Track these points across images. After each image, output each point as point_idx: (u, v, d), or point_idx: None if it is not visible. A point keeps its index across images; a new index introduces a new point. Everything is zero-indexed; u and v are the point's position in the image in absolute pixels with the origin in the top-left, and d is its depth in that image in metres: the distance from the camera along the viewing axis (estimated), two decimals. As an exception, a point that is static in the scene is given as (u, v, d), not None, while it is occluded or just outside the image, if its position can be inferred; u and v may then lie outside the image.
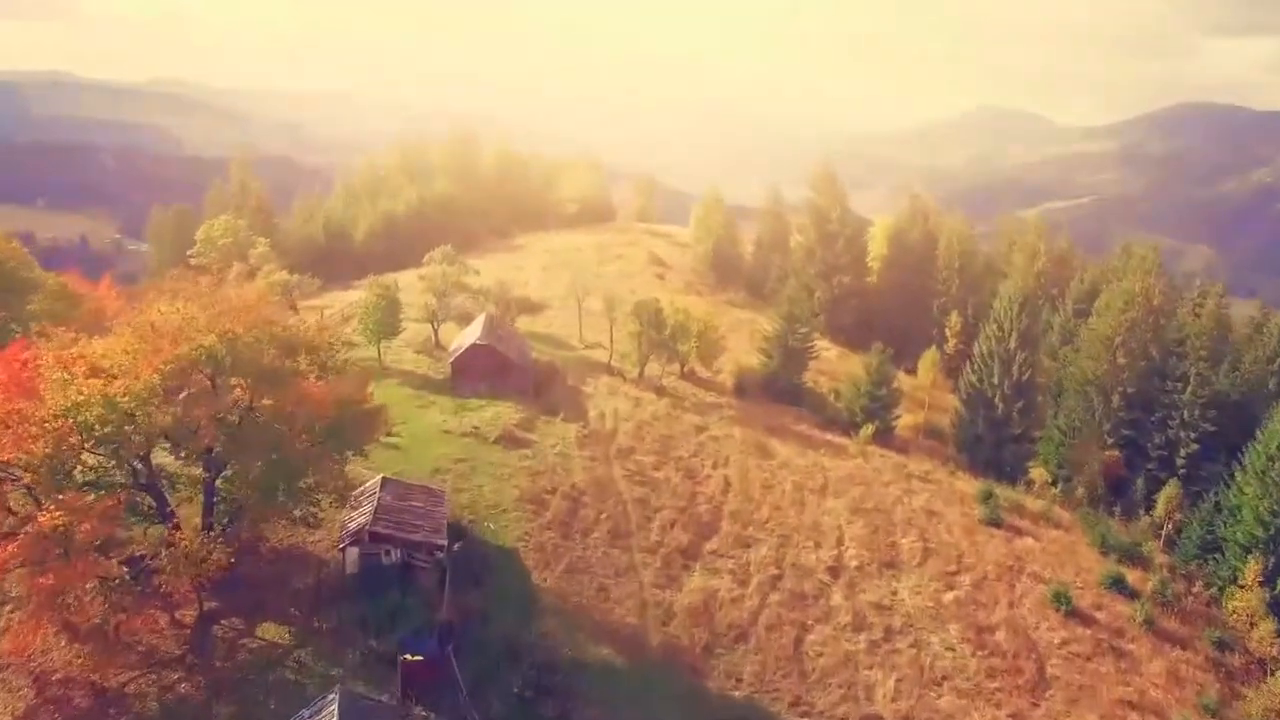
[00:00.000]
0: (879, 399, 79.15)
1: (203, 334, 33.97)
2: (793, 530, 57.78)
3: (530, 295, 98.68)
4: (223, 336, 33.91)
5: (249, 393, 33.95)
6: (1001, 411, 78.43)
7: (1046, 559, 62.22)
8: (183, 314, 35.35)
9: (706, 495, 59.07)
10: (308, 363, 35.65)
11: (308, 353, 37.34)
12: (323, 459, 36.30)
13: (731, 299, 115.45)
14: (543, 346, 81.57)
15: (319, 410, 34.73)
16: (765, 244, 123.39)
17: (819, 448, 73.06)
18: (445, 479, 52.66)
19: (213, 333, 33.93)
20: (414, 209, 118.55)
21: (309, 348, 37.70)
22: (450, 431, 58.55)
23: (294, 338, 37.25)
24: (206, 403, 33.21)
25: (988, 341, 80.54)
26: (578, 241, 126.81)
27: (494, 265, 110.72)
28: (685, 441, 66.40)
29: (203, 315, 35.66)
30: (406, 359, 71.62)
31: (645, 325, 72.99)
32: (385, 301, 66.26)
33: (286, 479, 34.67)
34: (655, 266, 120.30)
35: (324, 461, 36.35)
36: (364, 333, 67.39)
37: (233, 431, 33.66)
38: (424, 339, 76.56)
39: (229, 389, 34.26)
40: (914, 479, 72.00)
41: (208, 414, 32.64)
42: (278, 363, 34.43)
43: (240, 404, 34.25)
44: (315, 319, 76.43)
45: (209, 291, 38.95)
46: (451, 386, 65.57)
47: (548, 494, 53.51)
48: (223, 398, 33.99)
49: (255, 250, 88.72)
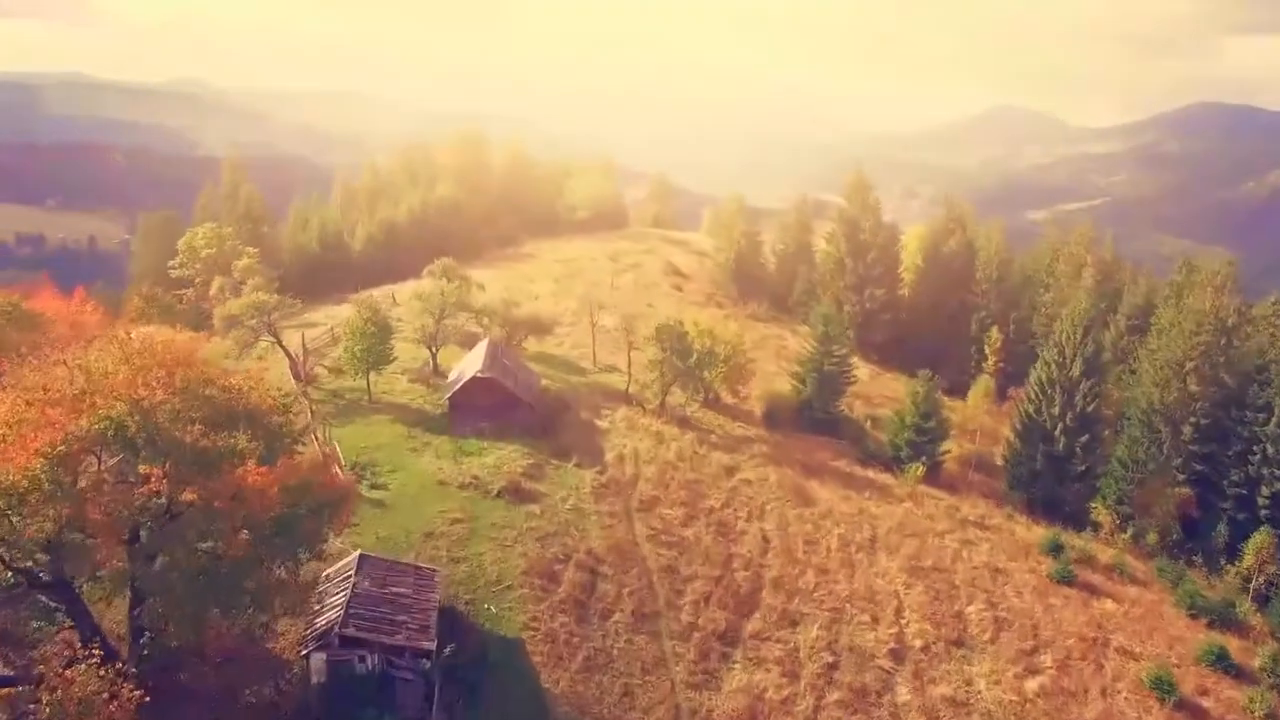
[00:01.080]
0: (926, 432, 70.08)
1: (111, 400, 25.33)
2: (844, 600, 48.83)
3: (540, 310, 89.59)
4: (136, 405, 25.33)
5: (169, 483, 25.18)
6: (1063, 446, 69.28)
7: (1132, 627, 53.09)
8: (91, 370, 26.71)
9: (743, 557, 50.15)
10: (250, 438, 26.88)
11: (253, 423, 28.54)
12: (270, 560, 27.72)
13: (754, 312, 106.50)
14: (553, 372, 72.80)
15: (262, 504, 26.08)
16: (790, 253, 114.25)
17: (863, 489, 64.11)
18: (439, 547, 43.93)
19: (123, 399, 25.29)
20: (416, 215, 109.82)
21: (254, 416, 28.90)
22: (446, 482, 49.79)
23: (234, 403, 28.46)
24: (111, 498, 24.54)
25: (1047, 368, 71.36)
26: (590, 249, 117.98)
27: (501, 276, 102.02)
28: (715, 487, 57.50)
29: (120, 370, 27.01)
30: (399, 389, 62.90)
31: (668, 352, 64.08)
32: (373, 326, 57.50)
33: (219, 592, 26.12)
34: (672, 277, 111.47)
35: (269, 566, 27.75)
36: (350, 361, 58.69)
37: (149, 532, 25.08)
38: (421, 363, 67.87)
39: (143, 478, 25.48)
40: (970, 525, 63.01)
41: (106, 514, 24.03)
42: (209, 441, 25.66)
43: (157, 497, 25.49)
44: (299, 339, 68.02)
45: (130, 337, 29.90)
46: (449, 424, 56.83)
47: (560, 563, 44.70)
48: (131, 491, 25.29)
49: (239, 263, 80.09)
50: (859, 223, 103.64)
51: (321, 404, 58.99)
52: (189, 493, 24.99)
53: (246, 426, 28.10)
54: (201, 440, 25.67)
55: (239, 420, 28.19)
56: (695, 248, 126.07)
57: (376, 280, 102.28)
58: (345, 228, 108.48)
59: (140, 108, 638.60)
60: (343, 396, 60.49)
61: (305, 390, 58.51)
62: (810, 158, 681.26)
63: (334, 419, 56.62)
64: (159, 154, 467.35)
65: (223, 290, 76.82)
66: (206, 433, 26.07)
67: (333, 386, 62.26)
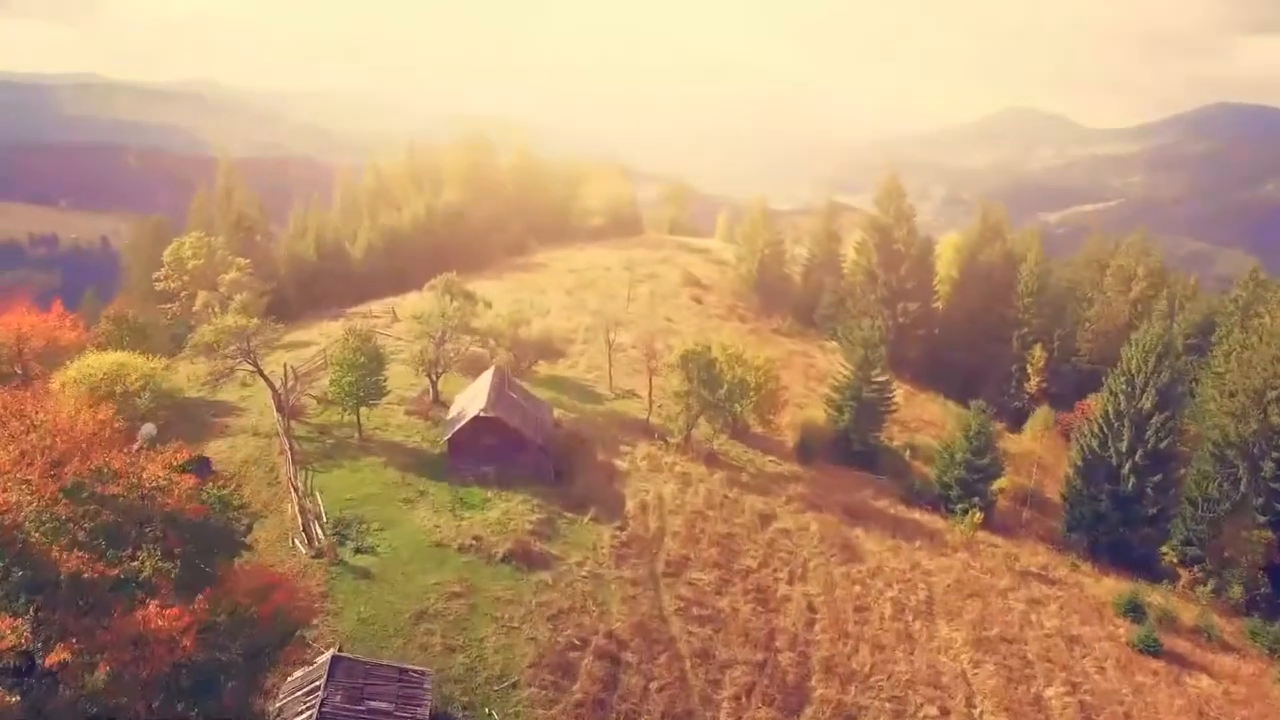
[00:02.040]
0: (979, 470, 62.41)
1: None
2: (905, 685, 41.36)
3: (551, 327, 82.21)
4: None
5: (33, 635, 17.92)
6: (1131, 487, 61.47)
7: (1238, 713, 45.50)
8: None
9: (788, 633, 42.69)
10: (163, 558, 19.41)
11: (175, 529, 21.14)
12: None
13: (778, 327, 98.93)
14: (566, 399, 65.44)
15: (171, 655, 18.80)
16: (816, 263, 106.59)
17: (912, 538, 56.59)
18: (432, 631, 36.63)
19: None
20: (420, 222, 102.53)
21: (177, 522, 21.46)
22: (444, 544, 42.48)
23: (146, 507, 21.03)
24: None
25: (1114, 399, 63.57)
26: (604, 258, 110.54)
27: (509, 288, 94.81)
28: (751, 541, 50.05)
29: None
30: (395, 423, 55.55)
31: (695, 383, 56.64)
32: (363, 356, 50.16)
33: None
34: (691, 288, 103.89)
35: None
36: (338, 395, 51.37)
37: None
38: (421, 391, 60.55)
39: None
40: (1033, 579, 55.48)
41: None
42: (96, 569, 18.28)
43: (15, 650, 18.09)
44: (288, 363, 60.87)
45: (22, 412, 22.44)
46: (449, 468, 49.52)
47: (575, 650, 37.34)
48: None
49: (227, 276, 72.94)
50: (891, 232, 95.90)
51: (306, 442, 51.79)
52: (61, 650, 17.70)
53: (164, 535, 20.89)
54: (86, 569, 18.43)
55: (154, 526, 20.95)
56: (715, 256, 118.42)
57: (378, 291, 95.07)
58: (346, 235, 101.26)
59: (151, 108, 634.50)
60: (331, 433, 53.24)
61: (288, 427, 51.30)
62: (822, 158, 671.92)
63: (318, 462, 49.40)
64: (171, 154, 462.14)
65: (208, 307, 69.78)
66: (99, 555, 18.88)
67: (321, 420, 55.04)
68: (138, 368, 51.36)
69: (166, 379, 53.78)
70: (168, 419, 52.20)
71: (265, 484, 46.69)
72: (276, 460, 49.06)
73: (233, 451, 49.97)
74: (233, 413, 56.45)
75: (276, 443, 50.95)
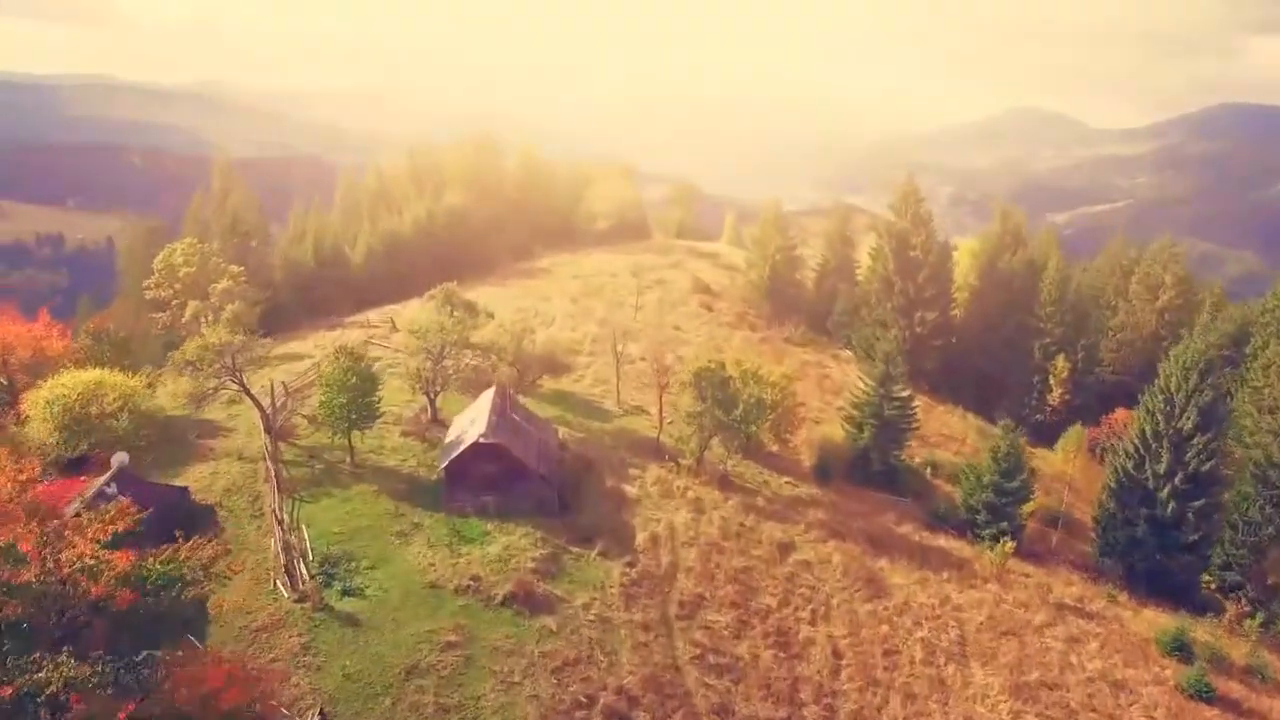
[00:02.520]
0: (1008, 493, 58.52)
1: None
2: (942, 742, 37.63)
3: (556, 338, 78.82)
4: None
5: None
6: (1171, 512, 57.52)
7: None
8: None
9: (812, 682, 38.94)
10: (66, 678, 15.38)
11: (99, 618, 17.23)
12: None
13: (790, 335, 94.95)
14: (572, 416, 61.78)
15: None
16: (830, 268, 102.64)
17: (939, 568, 52.77)
18: (424, 689, 32.99)
19: None
20: (422, 226, 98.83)
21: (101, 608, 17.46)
22: (439, 585, 38.83)
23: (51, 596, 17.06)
24: None
25: (1151, 419, 59.56)
26: (611, 263, 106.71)
27: (513, 295, 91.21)
28: (769, 576, 46.30)
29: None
30: (390, 446, 51.84)
31: (709, 402, 52.86)
32: (355, 377, 46.46)
33: None
34: (701, 295, 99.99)
35: None
36: (328, 419, 47.65)
37: None
38: (418, 409, 56.91)
39: None
40: (1069, 613, 51.64)
41: None
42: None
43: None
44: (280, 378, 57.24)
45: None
46: (446, 497, 45.83)
47: (582, 708, 33.67)
48: None
49: (219, 285, 69.28)
50: (908, 237, 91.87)
51: (295, 467, 48.17)
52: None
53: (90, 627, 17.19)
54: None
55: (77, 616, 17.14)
56: (724, 261, 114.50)
57: (378, 298, 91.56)
58: (346, 239, 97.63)
59: (158, 108, 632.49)
60: (321, 457, 49.60)
61: (276, 451, 47.68)
62: (825, 158, 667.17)
63: (306, 490, 45.78)
64: (176, 154, 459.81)
65: (197, 317, 66.22)
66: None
67: (311, 441, 51.43)
68: (116, 387, 47.83)
69: (148, 398, 50.20)
70: (149, 440, 48.77)
71: (248, 516, 43.09)
72: (262, 488, 45.47)
73: (215, 478, 46.35)
74: (219, 433, 52.85)
75: (263, 467, 47.38)
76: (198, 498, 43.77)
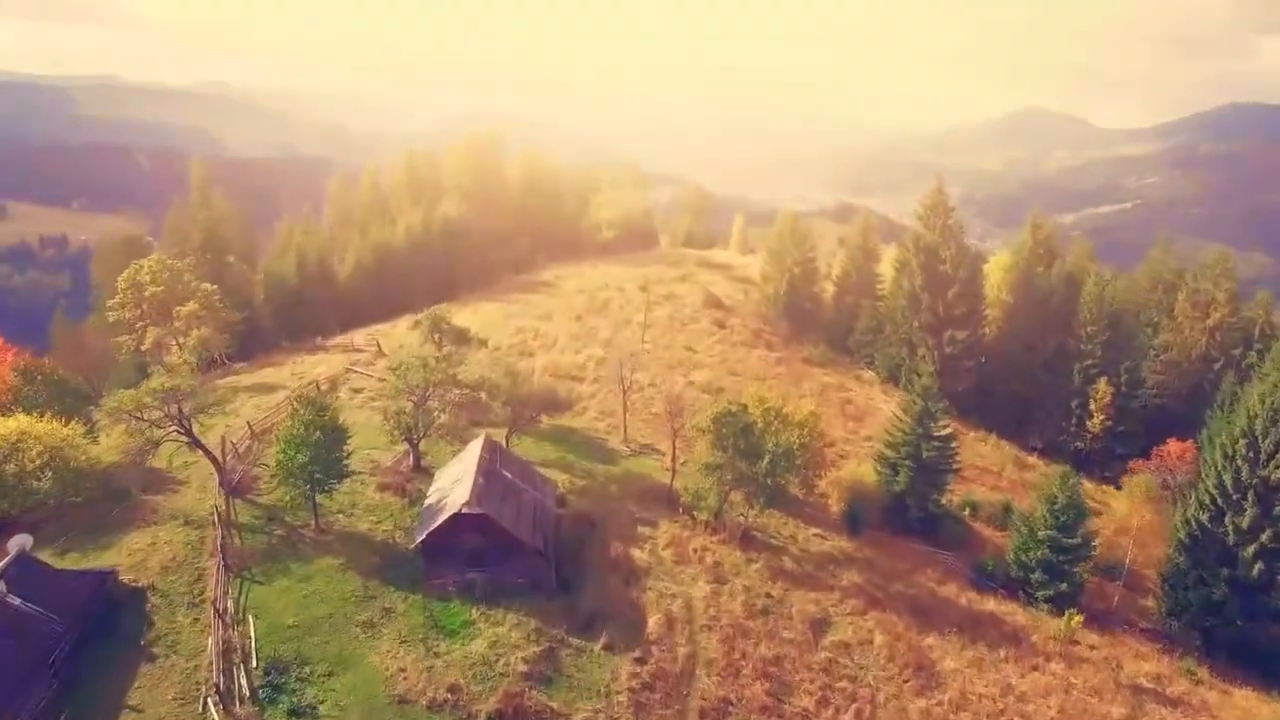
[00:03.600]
0: (1068, 551, 50.88)
1: None
2: None
3: (558, 362, 71.58)
4: None
5: None
6: (1258, 574, 49.76)
7: None
8: None
9: (863, 820, 31.49)
10: None
11: None
12: None
13: (809, 355, 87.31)
14: (574, 457, 54.42)
15: None
16: (850, 282, 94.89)
17: (994, 643, 45.22)
18: None
19: None
20: (416, 237, 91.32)
21: None
22: (408, 700, 31.47)
23: None
24: None
25: (1230, 465, 51.86)
26: (618, 276, 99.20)
27: (513, 314, 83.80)
28: (804, 666, 38.81)
29: None
30: (364, 504, 44.42)
31: (730, 453, 45.38)
32: (316, 432, 38.94)
33: None
34: (713, 310, 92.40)
35: None
36: (285, 479, 40.05)
37: None
38: (399, 455, 49.57)
39: None
40: (1147, 699, 44.02)
41: None
42: None
43: None
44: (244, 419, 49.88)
45: None
46: (425, 574, 38.45)
47: None
48: None
49: (184, 308, 61.94)
50: (938, 250, 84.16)
51: (250, 534, 40.84)
52: None
53: None
54: None
55: None
56: (737, 273, 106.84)
57: (367, 316, 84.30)
58: (336, 251, 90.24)
59: (168, 109, 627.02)
60: (282, 519, 42.21)
61: (228, 516, 40.34)
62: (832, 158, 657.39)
63: (260, 565, 38.42)
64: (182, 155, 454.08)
65: (159, 343, 58.99)
66: None
67: (273, 498, 43.93)
68: (41, 438, 40.50)
69: (84, 449, 42.85)
70: (89, 496, 41.60)
71: (184, 604, 35.68)
72: (206, 565, 38.10)
73: (152, 551, 38.91)
74: (167, 486, 45.42)
75: (213, 535, 40.03)
76: (127, 578, 36.43)
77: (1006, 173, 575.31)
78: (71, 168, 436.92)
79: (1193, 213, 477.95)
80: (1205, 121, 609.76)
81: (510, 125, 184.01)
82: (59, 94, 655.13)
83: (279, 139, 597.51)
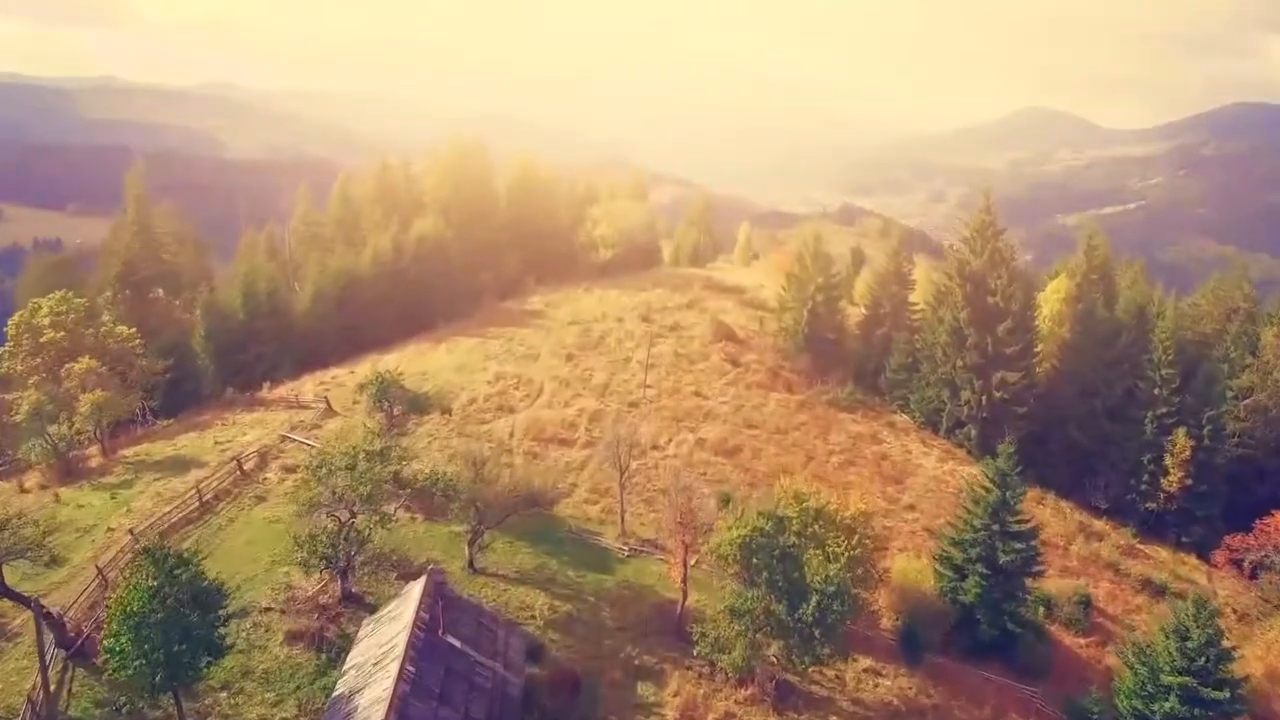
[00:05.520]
0: (1211, 706, 37.82)
1: None
2: None
3: (542, 417, 58.82)
4: None
5: None
6: None
7: None
8: None
9: None
10: None
11: None
12: None
13: (834, 397, 74.17)
14: (558, 564, 41.63)
15: None
16: (881, 312, 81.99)
17: None
18: None
19: None
20: (385, 262, 78.19)
21: None
22: None
23: None
24: None
25: None
26: (617, 302, 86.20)
27: (493, 354, 70.87)
28: None
29: None
30: (263, 665, 31.39)
31: (765, 589, 32.51)
32: (178, 602, 25.86)
33: None
34: (724, 343, 79.34)
35: None
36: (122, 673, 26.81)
37: None
38: (318, 587, 36.61)
39: None
40: None
41: None
42: None
43: None
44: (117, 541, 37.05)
45: None
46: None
47: None
48: None
49: (76, 365, 49.01)
50: (985, 280, 71.20)
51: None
52: None
53: None
54: None
55: None
56: (750, 298, 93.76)
57: (327, 355, 71.41)
58: (293, 280, 77.25)
59: (170, 110, 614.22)
60: (135, 705, 29.31)
61: (52, 710, 27.45)
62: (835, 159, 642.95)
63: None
64: (180, 157, 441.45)
65: (34, 412, 46.02)
66: None
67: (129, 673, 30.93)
68: None
69: None
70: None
71: None
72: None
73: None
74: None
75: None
76: None
77: (1010, 173, 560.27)
78: (69, 170, 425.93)
79: (1198, 213, 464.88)
80: (1210, 121, 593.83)
81: (510, 126, 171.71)
82: (61, 96, 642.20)
83: (283, 140, 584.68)
